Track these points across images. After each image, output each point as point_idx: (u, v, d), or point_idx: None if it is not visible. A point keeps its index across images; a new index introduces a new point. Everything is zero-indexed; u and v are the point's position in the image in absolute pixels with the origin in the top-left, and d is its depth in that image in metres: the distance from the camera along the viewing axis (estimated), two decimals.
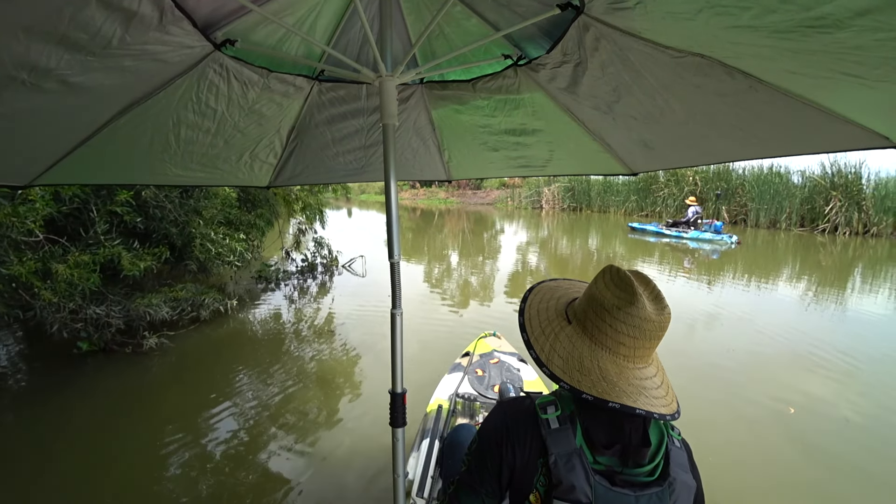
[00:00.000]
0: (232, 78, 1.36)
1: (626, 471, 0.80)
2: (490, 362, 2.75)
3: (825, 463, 2.80)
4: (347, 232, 15.23)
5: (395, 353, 1.36)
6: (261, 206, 6.33)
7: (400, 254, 1.36)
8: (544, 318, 0.94)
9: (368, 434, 2.99)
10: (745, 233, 14.94)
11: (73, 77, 1.02)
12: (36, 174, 1.48)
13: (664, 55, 1.06)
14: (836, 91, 0.97)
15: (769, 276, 8.40)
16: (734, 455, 2.86)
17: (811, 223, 15.52)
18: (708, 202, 17.40)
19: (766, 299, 6.90)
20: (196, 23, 1.06)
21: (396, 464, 1.37)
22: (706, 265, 9.66)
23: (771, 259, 10.60)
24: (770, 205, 16.11)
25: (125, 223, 3.90)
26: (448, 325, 5.53)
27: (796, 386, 3.84)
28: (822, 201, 15.24)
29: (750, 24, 0.81)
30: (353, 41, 1.49)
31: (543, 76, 1.44)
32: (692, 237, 12.80)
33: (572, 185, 22.87)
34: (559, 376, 0.82)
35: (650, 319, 0.80)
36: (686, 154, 1.68)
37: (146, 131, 1.42)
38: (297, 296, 6.73)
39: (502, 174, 2.49)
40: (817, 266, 9.80)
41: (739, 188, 17.27)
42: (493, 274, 8.77)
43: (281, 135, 1.80)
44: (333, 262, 8.31)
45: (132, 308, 3.87)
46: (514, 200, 26.24)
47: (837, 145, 1.20)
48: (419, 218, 21.38)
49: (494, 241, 13.76)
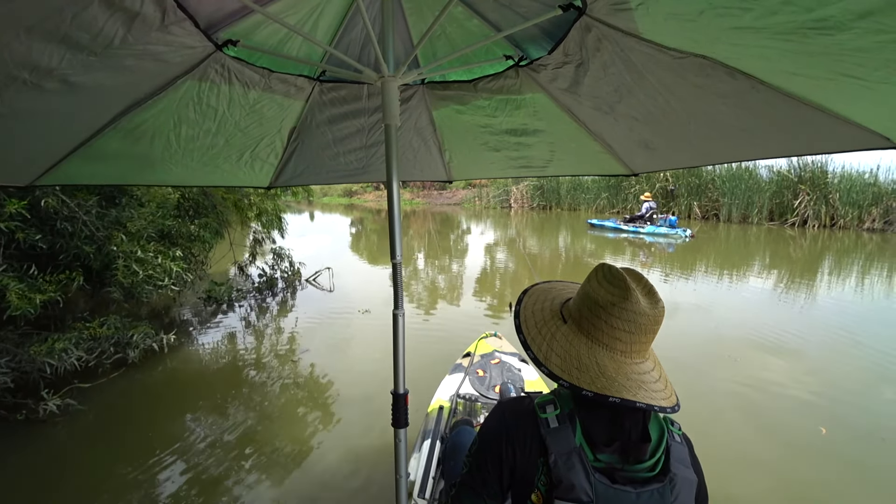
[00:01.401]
0: (233, 78, 1.39)
1: (626, 468, 0.82)
2: (491, 363, 2.82)
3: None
4: (311, 238, 14.85)
5: (398, 354, 1.38)
6: (206, 213, 5.51)
7: (402, 254, 1.39)
8: (540, 319, 0.96)
9: (344, 475, 2.84)
10: (718, 228, 15.88)
11: (75, 77, 1.05)
12: (37, 174, 1.50)
13: (666, 56, 1.10)
14: (837, 92, 1.01)
15: (723, 267, 9.37)
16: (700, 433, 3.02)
17: (780, 217, 16.50)
18: (680, 198, 18.41)
19: (722, 288, 7.68)
20: (198, 23, 1.10)
21: (399, 464, 1.39)
22: (663, 258, 10.54)
23: (723, 251, 11.74)
24: (741, 200, 16.99)
25: (19, 243, 3.17)
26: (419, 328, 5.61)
27: (752, 370, 4.32)
28: (790, 195, 16.22)
29: (752, 25, 0.84)
30: (355, 42, 1.53)
31: (545, 77, 1.49)
32: (648, 232, 13.78)
33: (542, 183, 23.14)
34: (558, 374, 0.85)
35: (645, 314, 0.83)
36: (687, 154, 1.74)
37: (148, 131, 1.43)
38: (255, 317, 6.19)
39: (503, 175, 2.57)
40: (772, 256, 10.93)
41: (710, 184, 18.02)
42: (461, 274, 8.97)
43: (282, 135, 1.83)
44: (296, 276, 7.73)
45: (26, 358, 2.80)
46: (481, 200, 26.36)
47: (838, 146, 1.24)
48: (384, 220, 20.95)
49: (461, 242, 14.08)
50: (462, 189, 29.24)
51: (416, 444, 2.19)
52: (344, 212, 26.30)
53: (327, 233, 16.88)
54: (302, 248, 12.32)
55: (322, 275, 8.00)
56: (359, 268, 9.85)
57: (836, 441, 3.15)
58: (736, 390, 3.89)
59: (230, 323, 5.82)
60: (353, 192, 34.16)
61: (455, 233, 16.21)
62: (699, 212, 18.10)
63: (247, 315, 6.18)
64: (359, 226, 19.21)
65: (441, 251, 11.84)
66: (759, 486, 2.69)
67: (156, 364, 4.36)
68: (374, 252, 11.99)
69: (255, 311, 6.34)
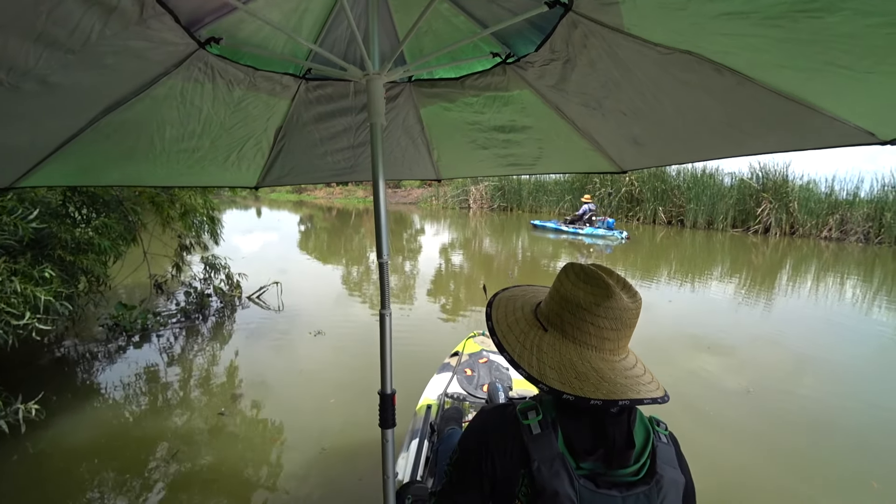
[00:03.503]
0: (217, 77, 1.41)
1: (610, 472, 0.83)
2: (479, 362, 2.86)
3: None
4: (257, 239, 13.89)
5: (385, 354, 1.41)
6: (110, 210, 4.00)
7: (388, 253, 1.42)
8: (518, 332, 0.95)
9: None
10: (683, 233, 16.62)
11: (53, 76, 1.05)
12: (16, 176, 1.49)
13: (652, 52, 1.15)
14: (824, 85, 1.06)
15: (657, 269, 10.23)
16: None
17: (743, 224, 17.18)
18: (645, 202, 18.73)
19: (660, 289, 8.33)
20: (179, 19, 1.12)
21: (386, 465, 1.41)
22: (603, 260, 11.29)
23: (655, 253, 12.60)
24: (706, 206, 17.54)
25: None
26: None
27: (689, 364, 4.82)
28: (752, 203, 16.94)
29: (740, 10, 0.86)
30: (341, 39, 1.58)
31: (532, 74, 1.54)
32: (587, 233, 14.71)
33: (502, 183, 23.04)
34: (559, 389, 0.83)
35: (628, 308, 0.85)
36: (675, 151, 1.78)
37: (131, 131, 1.45)
38: (180, 349, 5.01)
39: (492, 173, 2.58)
40: (703, 258, 12.04)
41: (675, 189, 18.51)
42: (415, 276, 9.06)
43: (268, 134, 1.83)
44: (235, 292, 6.49)
45: None
46: (438, 199, 25.84)
47: (824, 142, 1.30)
48: (335, 218, 20.70)
49: (413, 242, 14.16)
50: (418, 188, 28.97)
51: (403, 444, 2.23)
52: (293, 208, 25.39)
53: (275, 230, 16.26)
54: (246, 248, 11.61)
55: (268, 290, 6.94)
56: (312, 278, 9.02)
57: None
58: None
59: (146, 359, 4.70)
60: (303, 189, 33.43)
61: (408, 231, 16.28)
62: (664, 217, 18.59)
63: (168, 346, 5.10)
64: (308, 223, 18.66)
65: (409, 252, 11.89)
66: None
67: (12, 448, 3.01)
68: (327, 256, 11.53)
69: (180, 342, 5.24)
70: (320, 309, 6.45)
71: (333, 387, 4.05)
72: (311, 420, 3.53)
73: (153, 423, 3.45)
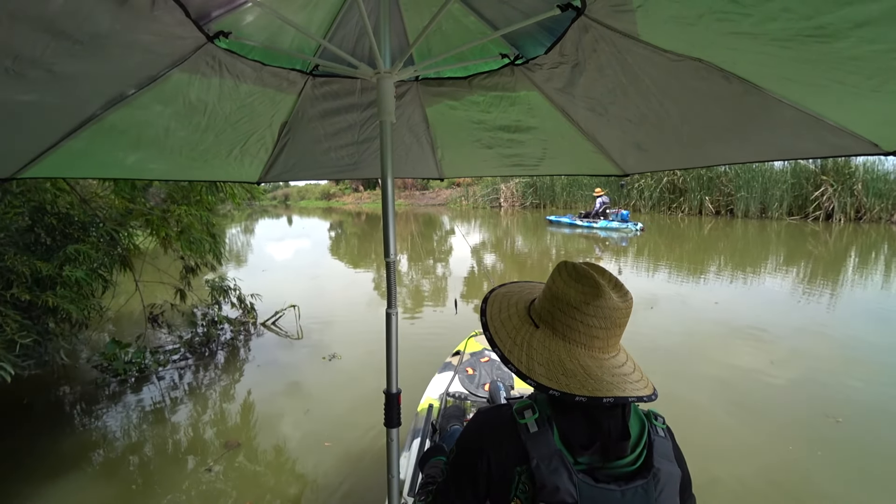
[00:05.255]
0: (224, 71, 1.43)
1: (607, 465, 0.85)
2: (480, 361, 2.88)
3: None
4: (285, 249, 14.12)
5: (391, 354, 1.45)
6: (83, 236, 3.31)
7: (396, 253, 1.45)
8: (510, 328, 0.98)
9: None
10: (734, 224, 15.64)
11: (60, 66, 1.07)
12: (19, 166, 1.50)
13: (662, 58, 1.16)
14: (830, 99, 1.08)
15: (703, 264, 9.75)
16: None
17: (800, 211, 16.05)
18: (690, 192, 17.78)
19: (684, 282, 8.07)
20: (188, 12, 1.13)
21: (391, 464, 1.44)
22: (618, 252, 11.35)
23: (703, 246, 12.13)
24: (758, 193, 16.47)
25: None
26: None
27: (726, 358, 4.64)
28: (811, 187, 15.78)
29: (750, 31, 0.89)
30: (349, 36, 1.60)
31: (540, 76, 1.56)
32: (601, 227, 14.94)
33: (534, 180, 22.53)
34: (546, 385, 0.86)
35: (618, 307, 0.87)
36: (679, 156, 1.80)
37: (136, 124, 1.48)
38: (183, 393, 4.22)
39: (495, 173, 2.61)
40: (755, 250, 11.29)
41: (723, 176, 17.58)
42: (447, 276, 9.16)
43: (273, 129, 1.86)
44: (249, 318, 5.69)
45: None
46: (468, 199, 25.71)
47: (829, 151, 1.32)
48: (364, 223, 20.79)
49: (444, 243, 14.18)
50: (446, 188, 28.93)
51: (406, 443, 2.25)
52: (322, 215, 25.89)
53: (306, 236, 16.83)
54: (270, 260, 11.74)
55: (285, 314, 6.11)
56: (338, 296, 8.11)
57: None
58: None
59: (146, 405, 3.98)
60: (332, 195, 34.39)
61: (438, 234, 16.31)
62: (711, 207, 17.72)
63: (171, 388, 4.35)
64: (338, 229, 18.98)
65: (426, 253, 11.95)
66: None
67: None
68: (357, 260, 11.60)
69: (182, 385, 4.44)
70: (342, 331, 5.80)
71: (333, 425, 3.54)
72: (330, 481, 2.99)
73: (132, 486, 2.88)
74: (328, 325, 6.07)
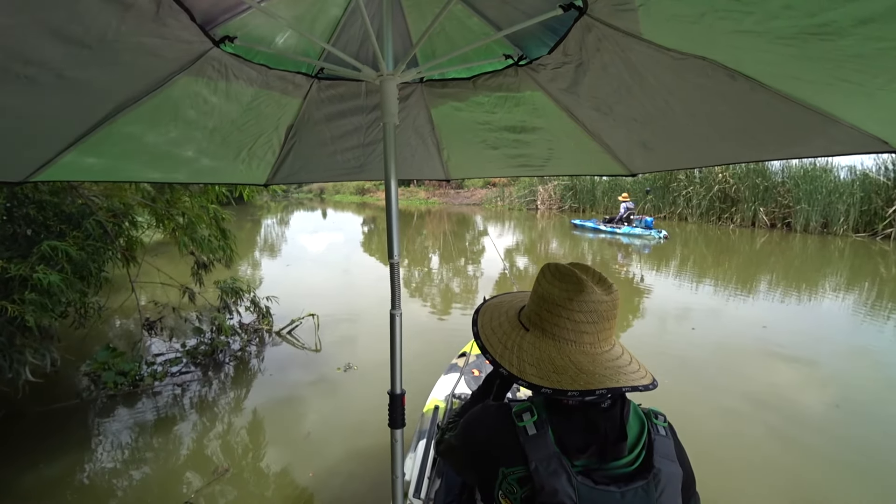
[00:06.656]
0: (231, 75, 1.47)
1: (604, 466, 0.86)
2: (486, 362, 2.85)
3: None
4: (313, 245, 14.11)
5: (395, 355, 1.46)
6: (75, 225, 3.40)
7: (400, 254, 1.46)
8: (501, 334, 1.01)
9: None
10: (790, 239, 14.68)
11: (69, 71, 1.09)
12: (32, 170, 1.54)
13: (666, 56, 1.17)
14: (836, 96, 1.08)
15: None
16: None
17: (868, 227, 14.75)
18: (742, 202, 16.77)
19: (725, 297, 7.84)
20: (194, 17, 1.16)
21: (395, 465, 1.46)
22: (641, 259, 11.29)
23: (754, 261, 11.55)
24: (820, 206, 15.28)
25: None
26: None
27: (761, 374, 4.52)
28: (881, 202, 14.51)
29: (753, 28, 0.89)
30: (353, 39, 1.64)
31: (544, 76, 1.58)
32: (624, 233, 14.96)
33: (574, 182, 22.03)
34: (537, 383, 0.88)
35: (602, 301, 0.89)
36: (685, 155, 1.82)
37: (144, 128, 1.54)
38: (184, 408, 3.81)
39: (501, 174, 2.63)
40: (813, 269, 10.54)
41: (780, 186, 16.44)
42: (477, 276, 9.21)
43: (279, 132, 1.91)
44: (264, 324, 5.26)
45: None
46: (503, 200, 25.29)
47: (836, 149, 1.33)
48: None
49: (476, 244, 13.95)
50: (482, 188, 28.79)
51: (411, 445, 2.28)
52: (356, 210, 26.24)
53: (339, 230, 17.49)
54: (293, 258, 11.53)
55: (302, 323, 5.59)
56: (361, 295, 7.65)
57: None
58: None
59: (133, 426, 3.53)
60: (366, 191, 34.82)
61: (471, 234, 16.34)
62: (765, 219, 16.62)
63: (168, 408, 3.86)
64: (371, 224, 19.16)
65: (457, 253, 12.08)
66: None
67: None
68: (382, 251, 11.88)
69: (186, 400, 4.01)
70: (360, 335, 5.46)
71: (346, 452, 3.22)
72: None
73: None
74: (348, 326, 5.80)
